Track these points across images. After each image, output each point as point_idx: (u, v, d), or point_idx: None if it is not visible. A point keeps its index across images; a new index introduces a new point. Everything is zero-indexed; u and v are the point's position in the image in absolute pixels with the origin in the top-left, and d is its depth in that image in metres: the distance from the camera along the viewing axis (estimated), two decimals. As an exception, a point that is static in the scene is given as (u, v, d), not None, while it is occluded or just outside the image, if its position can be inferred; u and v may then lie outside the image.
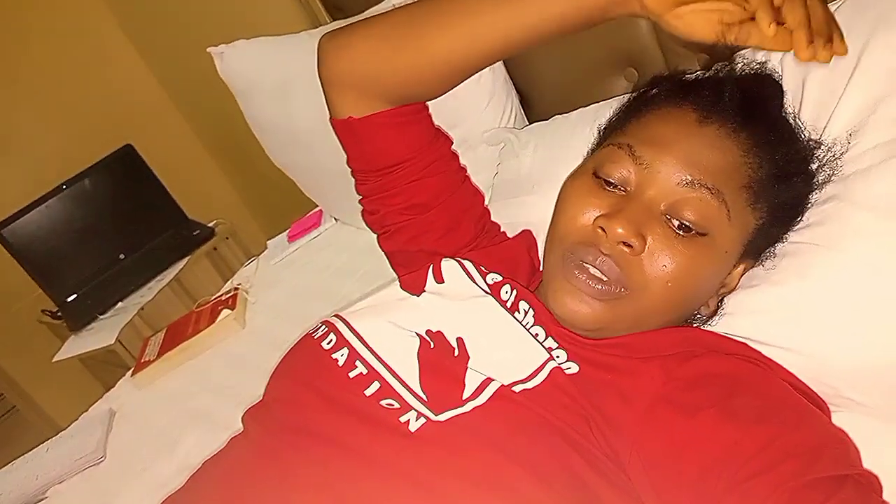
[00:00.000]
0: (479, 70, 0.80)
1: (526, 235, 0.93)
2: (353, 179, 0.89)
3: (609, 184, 0.67)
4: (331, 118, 0.85)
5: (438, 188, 0.85)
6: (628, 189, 0.66)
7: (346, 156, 0.87)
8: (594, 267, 0.64)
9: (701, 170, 0.63)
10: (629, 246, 0.62)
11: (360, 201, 0.90)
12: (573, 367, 0.66)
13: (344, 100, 0.82)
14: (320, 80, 0.83)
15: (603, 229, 0.63)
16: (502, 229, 0.95)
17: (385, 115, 0.81)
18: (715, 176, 0.63)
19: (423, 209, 0.85)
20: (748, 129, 0.65)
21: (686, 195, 0.63)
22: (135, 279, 2.29)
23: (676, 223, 0.63)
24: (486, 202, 0.97)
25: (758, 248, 0.70)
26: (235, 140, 1.96)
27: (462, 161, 0.91)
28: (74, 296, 2.31)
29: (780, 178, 0.66)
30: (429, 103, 0.85)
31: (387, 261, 0.94)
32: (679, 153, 0.64)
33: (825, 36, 0.63)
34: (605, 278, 0.64)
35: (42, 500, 1.23)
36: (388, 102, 0.81)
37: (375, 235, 0.92)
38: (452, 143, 0.90)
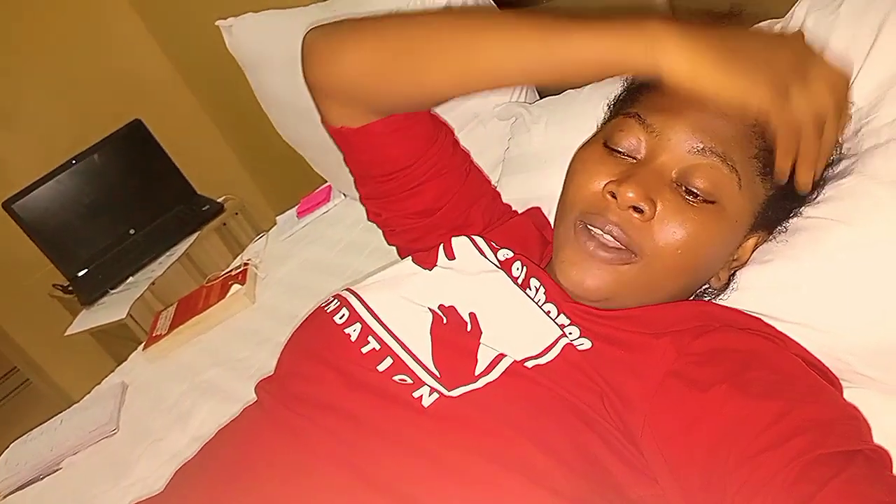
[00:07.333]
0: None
1: (534, 212, 0.92)
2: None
3: (619, 152, 0.67)
4: (322, 121, 0.81)
5: (441, 190, 0.83)
6: (638, 157, 0.66)
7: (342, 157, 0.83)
8: (603, 233, 0.64)
9: (712, 137, 0.63)
10: (639, 211, 0.62)
11: (360, 200, 0.86)
12: (586, 343, 0.65)
13: (332, 107, 0.79)
14: (306, 82, 0.78)
15: (613, 195, 0.63)
16: (513, 207, 0.94)
17: (380, 124, 0.77)
18: (725, 144, 0.63)
19: (428, 214, 0.84)
20: None
21: (697, 162, 0.63)
22: (145, 254, 2.30)
23: (686, 190, 0.63)
24: (497, 178, 0.97)
25: (769, 220, 0.69)
26: (244, 115, 1.95)
27: (472, 137, 0.90)
28: (85, 270, 2.32)
29: None
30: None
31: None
32: (690, 120, 0.64)
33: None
34: (614, 245, 0.63)
35: (56, 470, 1.25)
36: (376, 115, 0.77)
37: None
38: (453, 133, 0.86)
